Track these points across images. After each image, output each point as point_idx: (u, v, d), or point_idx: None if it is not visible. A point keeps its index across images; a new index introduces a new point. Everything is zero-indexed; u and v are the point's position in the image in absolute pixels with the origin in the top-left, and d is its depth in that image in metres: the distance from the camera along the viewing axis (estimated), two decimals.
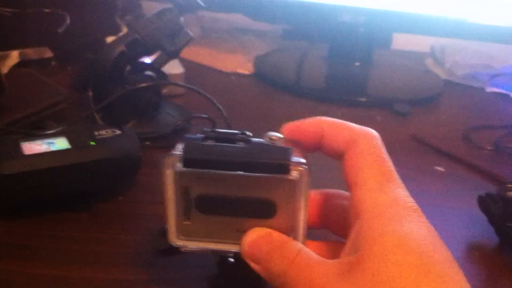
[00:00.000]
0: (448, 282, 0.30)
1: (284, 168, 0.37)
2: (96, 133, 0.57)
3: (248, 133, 0.39)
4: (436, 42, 1.14)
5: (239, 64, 1.01)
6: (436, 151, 0.75)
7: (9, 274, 0.47)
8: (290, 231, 0.38)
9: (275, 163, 0.37)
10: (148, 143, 0.69)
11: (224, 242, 0.40)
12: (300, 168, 0.37)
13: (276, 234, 0.37)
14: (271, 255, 0.36)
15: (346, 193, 0.41)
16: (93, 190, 0.57)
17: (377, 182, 0.35)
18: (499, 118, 0.89)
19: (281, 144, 0.38)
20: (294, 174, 0.37)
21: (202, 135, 0.39)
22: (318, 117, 0.41)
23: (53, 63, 0.87)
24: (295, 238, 0.38)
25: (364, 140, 0.37)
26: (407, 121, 0.85)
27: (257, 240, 0.37)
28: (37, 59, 0.85)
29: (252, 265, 0.37)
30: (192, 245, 0.41)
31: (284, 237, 0.37)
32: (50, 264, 0.49)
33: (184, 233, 0.40)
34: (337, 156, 0.39)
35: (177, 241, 0.41)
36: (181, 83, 0.82)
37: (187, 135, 0.39)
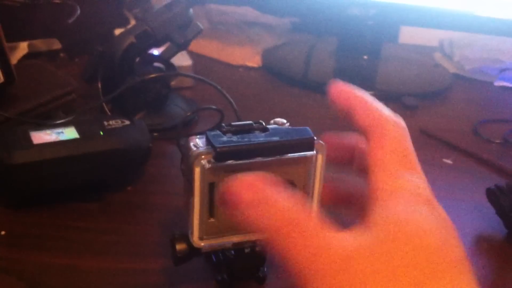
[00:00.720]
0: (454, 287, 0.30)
1: (311, 145, 0.38)
2: (105, 123, 0.57)
3: (261, 121, 0.39)
4: (445, 35, 1.14)
5: (247, 57, 1.00)
6: (444, 144, 0.75)
7: (20, 263, 0.48)
8: None
9: (303, 141, 0.38)
10: (156, 134, 0.69)
11: (243, 232, 0.39)
12: (320, 143, 0.38)
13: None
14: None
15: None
16: (103, 180, 0.57)
17: (399, 168, 0.35)
18: (507, 111, 0.89)
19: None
20: (316, 149, 0.38)
21: (219, 130, 0.38)
22: (349, 89, 0.41)
23: (61, 54, 0.88)
24: None
25: (392, 127, 0.37)
26: (415, 115, 0.85)
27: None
28: (45, 51, 0.85)
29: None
30: (215, 242, 0.39)
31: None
32: (61, 254, 0.49)
33: (208, 232, 0.39)
34: (362, 132, 0.38)
35: (200, 242, 0.39)
36: (191, 74, 0.82)
37: (207, 132, 0.38)
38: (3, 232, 0.51)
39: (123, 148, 0.55)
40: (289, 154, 0.38)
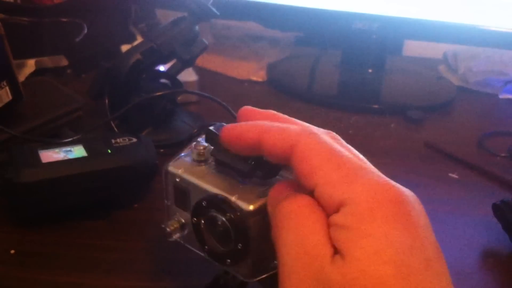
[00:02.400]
0: None
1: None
2: (113, 141, 0.57)
3: None
4: (449, 48, 1.14)
5: (252, 71, 1.01)
6: (449, 157, 0.75)
7: (27, 282, 0.48)
8: None
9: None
10: (162, 150, 0.69)
11: None
12: None
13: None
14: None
15: None
16: (110, 197, 0.58)
17: (341, 175, 0.32)
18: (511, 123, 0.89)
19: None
20: None
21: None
22: (255, 122, 0.37)
23: (68, 71, 0.88)
24: None
25: (306, 140, 0.34)
26: (420, 128, 0.86)
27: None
28: (52, 68, 0.86)
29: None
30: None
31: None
32: (68, 272, 0.50)
33: None
34: (284, 161, 0.35)
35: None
36: (197, 91, 0.82)
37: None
38: (12, 251, 0.51)
39: (130, 165, 0.56)
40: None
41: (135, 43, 0.91)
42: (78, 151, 0.56)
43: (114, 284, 0.48)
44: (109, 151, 0.56)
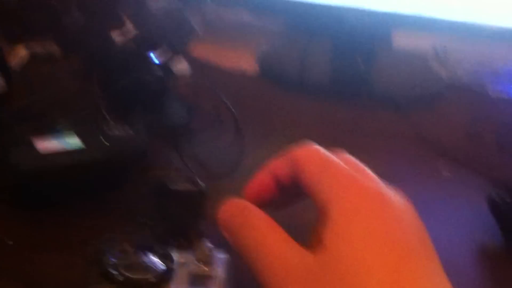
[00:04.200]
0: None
1: None
2: (106, 130, 0.58)
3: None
4: (438, 41, 1.14)
5: (243, 60, 1.01)
6: (439, 150, 0.76)
7: (23, 262, 0.49)
8: None
9: None
10: (152, 138, 0.69)
11: None
12: None
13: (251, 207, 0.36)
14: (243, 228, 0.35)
15: None
16: (103, 185, 0.58)
17: (338, 180, 0.33)
18: (501, 118, 0.89)
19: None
20: None
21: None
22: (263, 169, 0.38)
23: (57, 55, 0.87)
24: None
25: (305, 156, 0.35)
26: (410, 121, 0.86)
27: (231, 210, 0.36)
28: (42, 52, 0.85)
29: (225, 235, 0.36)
30: None
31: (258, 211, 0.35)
32: (60, 251, 0.51)
33: None
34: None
35: None
36: (188, 78, 0.82)
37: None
38: (10, 242, 0.52)
39: (124, 154, 0.56)
40: None
41: (124, 27, 0.91)
42: (73, 141, 0.56)
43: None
44: (104, 141, 0.56)
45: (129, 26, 0.95)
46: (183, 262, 0.37)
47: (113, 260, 0.35)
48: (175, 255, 0.37)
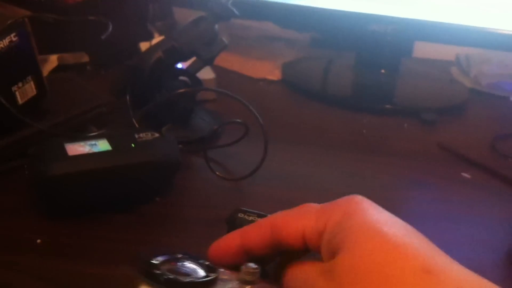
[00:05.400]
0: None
1: None
2: (136, 136, 0.59)
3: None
4: (461, 50, 1.15)
5: (268, 70, 1.03)
6: (462, 159, 0.77)
7: (52, 271, 0.49)
8: None
9: None
10: (181, 146, 0.71)
11: None
12: None
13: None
14: None
15: None
16: (134, 191, 0.59)
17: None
18: None
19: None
20: None
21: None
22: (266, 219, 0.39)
23: (88, 67, 0.90)
24: None
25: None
26: (433, 130, 0.87)
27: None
28: (73, 64, 0.88)
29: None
30: None
31: None
32: (92, 263, 0.51)
33: None
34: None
35: None
36: (218, 89, 0.84)
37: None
38: (38, 241, 0.53)
39: (154, 160, 0.57)
40: None
41: (153, 41, 0.93)
42: (102, 145, 0.57)
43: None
44: (133, 145, 0.58)
45: (157, 37, 0.98)
46: (226, 278, 0.37)
47: (157, 259, 0.36)
48: (219, 271, 0.37)
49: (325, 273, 0.34)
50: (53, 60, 0.83)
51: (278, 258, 0.39)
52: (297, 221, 0.37)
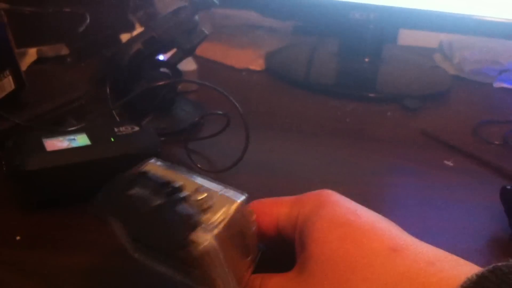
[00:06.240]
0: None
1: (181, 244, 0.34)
2: (115, 129, 0.58)
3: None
4: (445, 37, 1.15)
5: (251, 60, 1.02)
6: (445, 145, 0.77)
7: (32, 263, 0.49)
8: None
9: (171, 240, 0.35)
10: (163, 138, 0.70)
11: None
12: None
13: None
14: None
15: None
16: None
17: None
18: (507, 113, 0.90)
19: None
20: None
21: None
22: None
23: (68, 59, 0.89)
24: None
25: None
26: (416, 116, 0.87)
27: None
28: (53, 56, 0.87)
29: None
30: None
31: None
32: (70, 253, 0.51)
33: None
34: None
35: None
36: (198, 80, 0.83)
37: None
38: (18, 237, 0.52)
39: (133, 153, 0.57)
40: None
41: (134, 31, 0.92)
42: (82, 140, 0.57)
43: (114, 265, 0.49)
44: (113, 139, 0.57)
45: (138, 27, 0.97)
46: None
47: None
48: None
49: (297, 268, 0.34)
50: (32, 53, 0.82)
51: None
52: (272, 208, 0.38)
